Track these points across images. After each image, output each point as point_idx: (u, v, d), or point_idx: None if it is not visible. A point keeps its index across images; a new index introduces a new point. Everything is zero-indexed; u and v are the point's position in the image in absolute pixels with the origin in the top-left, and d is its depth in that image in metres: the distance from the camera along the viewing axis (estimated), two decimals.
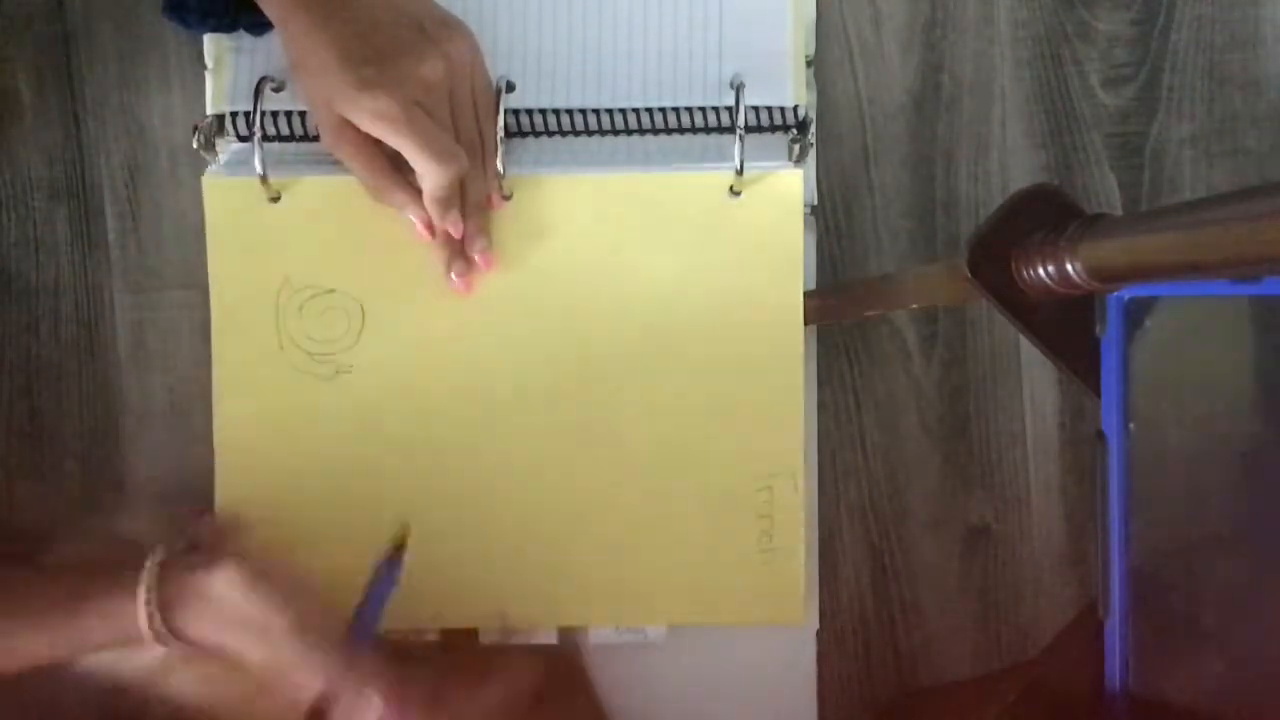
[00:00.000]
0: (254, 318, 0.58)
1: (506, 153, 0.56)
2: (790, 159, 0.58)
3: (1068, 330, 0.46)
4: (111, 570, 0.51)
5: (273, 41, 0.58)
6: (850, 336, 0.61)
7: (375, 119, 0.51)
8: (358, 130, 0.52)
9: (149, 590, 0.50)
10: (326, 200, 0.57)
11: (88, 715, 0.53)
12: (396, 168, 0.54)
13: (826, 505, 0.61)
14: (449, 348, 0.58)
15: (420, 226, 0.55)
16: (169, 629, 0.50)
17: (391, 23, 0.52)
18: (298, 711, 0.50)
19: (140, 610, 0.50)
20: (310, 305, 0.58)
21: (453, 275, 0.56)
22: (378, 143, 0.53)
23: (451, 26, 0.54)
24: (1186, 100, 0.61)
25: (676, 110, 0.58)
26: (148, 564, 0.50)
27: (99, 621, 0.51)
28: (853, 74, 0.61)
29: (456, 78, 0.54)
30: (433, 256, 0.56)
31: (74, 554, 0.54)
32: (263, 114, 0.56)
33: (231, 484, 0.58)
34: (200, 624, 0.50)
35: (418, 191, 0.54)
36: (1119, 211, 0.61)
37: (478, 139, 0.56)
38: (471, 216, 0.56)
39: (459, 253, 0.56)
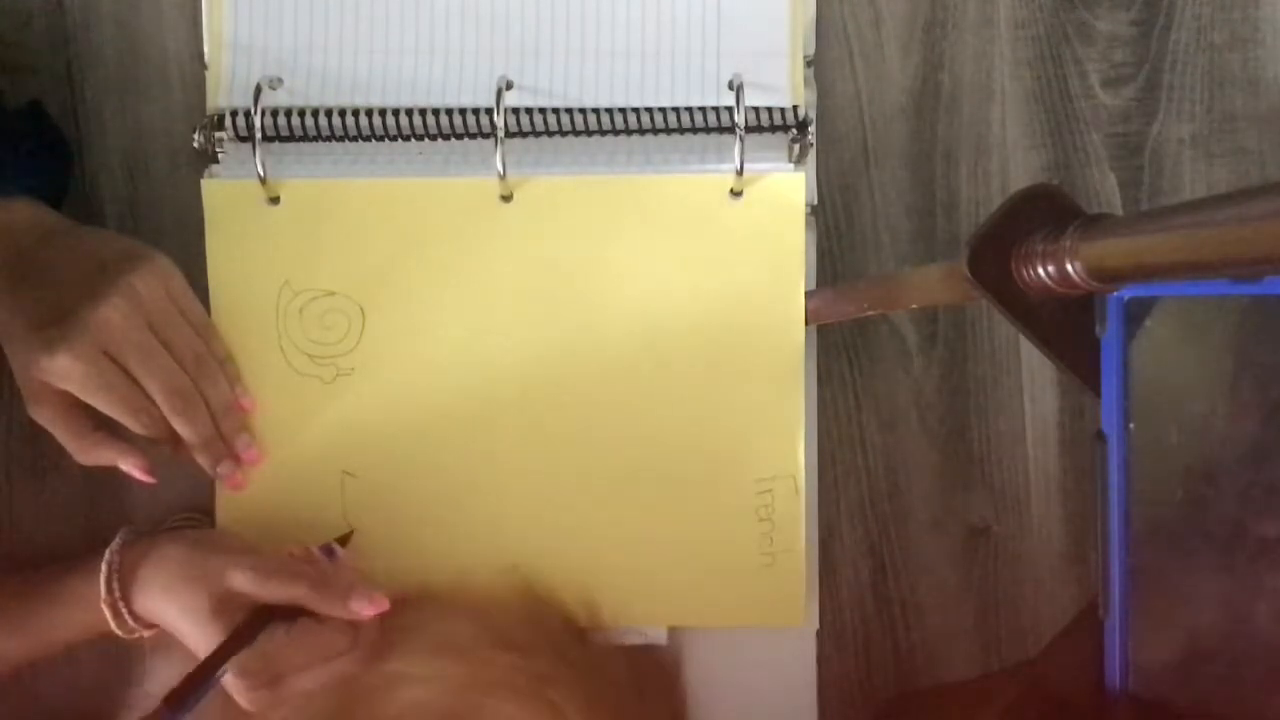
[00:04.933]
0: (254, 320, 0.58)
1: (506, 153, 0.56)
2: (790, 159, 0.58)
3: (1068, 330, 0.46)
4: (87, 559, 0.53)
5: (272, 41, 0.58)
6: (850, 336, 0.61)
7: (60, 380, 0.50)
8: (58, 391, 0.51)
9: (112, 553, 0.53)
10: (326, 202, 0.57)
11: None
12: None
13: (826, 505, 0.61)
14: (450, 350, 0.58)
15: (137, 474, 0.54)
16: (124, 597, 0.52)
17: (72, 271, 0.51)
18: None
19: (101, 577, 0.52)
20: (310, 308, 0.58)
21: (219, 473, 0.56)
22: (80, 401, 0.52)
23: (135, 257, 0.52)
24: (1186, 100, 0.61)
25: (676, 110, 0.58)
26: (117, 537, 0.54)
27: (70, 601, 0.53)
28: (853, 74, 0.61)
29: (150, 305, 0.52)
30: (199, 460, 0.56)
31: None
32: (263, 113, 0.56)
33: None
34: (148, 593, 0.52)
35: (127, 442, 0.53)
36: (1119, 211, 0.61)
37: (202, 350, 0.55)
38: (223, 419, 0.56)
39: (223, 453, 0.56)
